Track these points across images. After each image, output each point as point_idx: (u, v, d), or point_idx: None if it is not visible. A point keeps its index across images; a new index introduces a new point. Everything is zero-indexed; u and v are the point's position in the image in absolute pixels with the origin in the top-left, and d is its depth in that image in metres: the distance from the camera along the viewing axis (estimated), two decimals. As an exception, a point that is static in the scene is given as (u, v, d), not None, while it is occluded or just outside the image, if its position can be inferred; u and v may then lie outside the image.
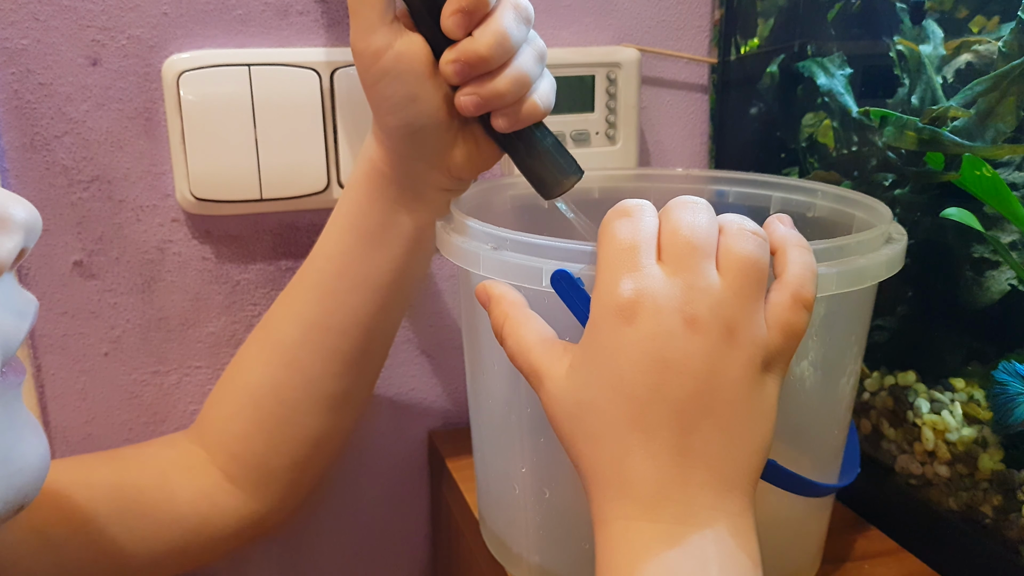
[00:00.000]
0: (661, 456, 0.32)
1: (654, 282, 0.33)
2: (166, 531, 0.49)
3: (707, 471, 0.32)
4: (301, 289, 0.52)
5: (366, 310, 0.51)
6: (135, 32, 0.55)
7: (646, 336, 0.32)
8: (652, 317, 0.32)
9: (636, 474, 0.33)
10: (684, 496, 0.32)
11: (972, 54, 0.48)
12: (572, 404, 0.34)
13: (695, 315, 0.32)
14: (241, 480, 0.52)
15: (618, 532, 0.33)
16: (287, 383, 0.51)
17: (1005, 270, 0.48)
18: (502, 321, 0.38)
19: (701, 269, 0.33)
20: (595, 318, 0.34)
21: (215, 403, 0.54)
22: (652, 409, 0.32)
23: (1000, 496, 0.47)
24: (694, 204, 0.35)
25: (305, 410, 0.52)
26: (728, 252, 0.34)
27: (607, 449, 0.33)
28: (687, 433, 0.32)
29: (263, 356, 0.52)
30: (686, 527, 0.32)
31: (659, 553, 0.32)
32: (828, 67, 0.57)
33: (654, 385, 0.32)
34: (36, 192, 0.56)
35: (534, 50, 0.44)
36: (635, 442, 0.33)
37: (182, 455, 0.52)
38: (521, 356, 0.37)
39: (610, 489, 0.33)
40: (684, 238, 0.33)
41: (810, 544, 0.48)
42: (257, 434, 0.52)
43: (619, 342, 0.33)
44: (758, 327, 0.33)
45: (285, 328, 0.52)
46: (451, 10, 0.41)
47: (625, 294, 0.33)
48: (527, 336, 0.37)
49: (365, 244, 0.50)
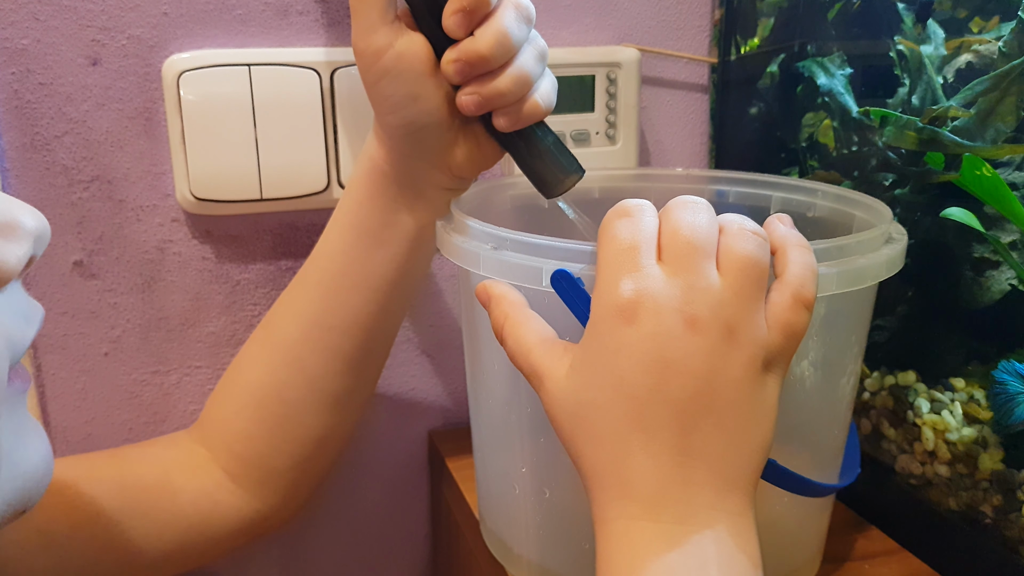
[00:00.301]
0: (662, 456, 0.32)
1: (654, 282, 0.33)
2: (168, 529, 0.49)
3: (708, 471, 0.32)
4: (302, 288, 0.52)
5: (367, 309, 0.51)
6: (135, 32, 0.55)
7: (646, 336, 0.32)
8: (652, 317, 0.32)
9: (637, 474, 0.33)
10: (685, 496, 0.32)
11: (972, 54, 0.48)
12: (573, 404, 0.34)
13: (695, 315, 0.32)
14: (243, 479, 0.52)
15: (619, 532, 0.33)
16: (289, 382, 0.51)
17: (1005, 270, 0.48)
18: (502, 321, 0.38)
19: (701, 269, 0.33)
20: (595, 318, 0.34)
21: (217, 402, 0.54)
22: (653, 409, 0.32)
23: (1000, 496, 0.47)
24: (694, 204, 0.35)
25: (307, 409, 0.52)
26: (729, 252, 0.33)
27: (608, 449, 0.33)
28: (688, 433, 0.32)
29: (264, 355, 0.52)
30: (687, 527, 0.32)
31: (660, 553, 0.32)
32: (828, 67, 0.57)
33: (655, 385, 0.32)
34: (36, 192, 0.56)
35: (535, 49, 0.44)
36: (636, 442, 0.33)
37: (184, 454, 0.53)
38: (521, 356, 0.37)
39: (611, 489, 0.33)
40: (684, 238, 0.33)
41: (810, 544, 0.48)
42: (259, 433, 0.52)
43: (619, 342, 0.33)
44: (758, 327, 0.33)
45: (286, 327, 0.52)
46: (452, 9, 0.41)
47: (625, 294, 0.33)
48: (527, 336, 0.37)
49: (366, 243, 0.50)
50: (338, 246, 0.51)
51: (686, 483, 0.32)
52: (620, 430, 0.33)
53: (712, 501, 0.32)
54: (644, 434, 0.32)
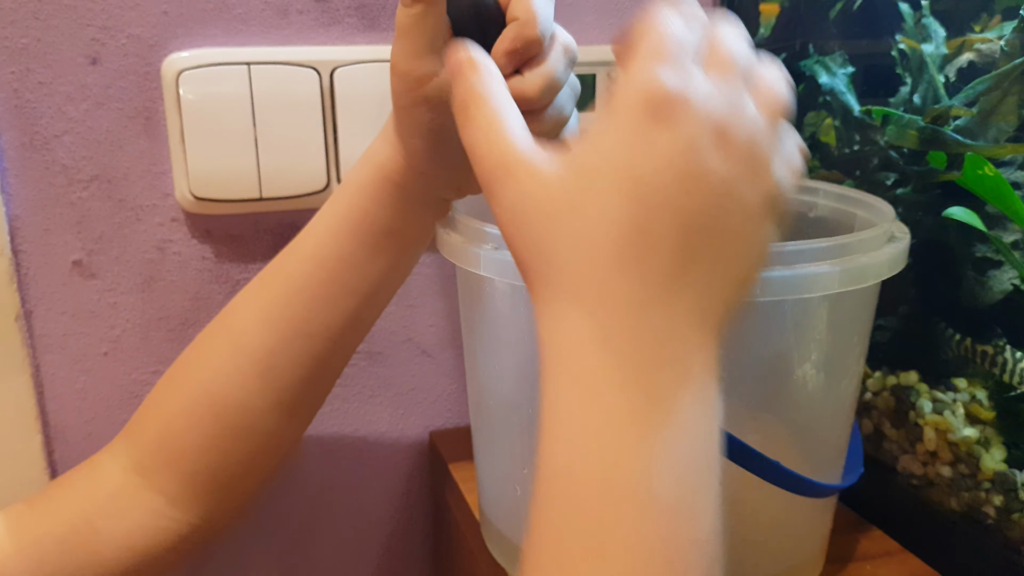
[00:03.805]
0: (656, 275, 0.30)
1: (700, 85, 0.30)
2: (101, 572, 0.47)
3: (695, 299, 0.30)
4: (282, 295, 0.49)
5: (354, 316, 0.48)
6: (135, 31, 0.55)
7: (679, 140, 0.29)
8: (690, 121, 0.30)
9: (623, 289, 0.29)
10: (665, 323, 0.30)
11: (974, 53, 0.48)
12: (560, 204, 0.31)
13: (731, 135, 0.30)
14: (184, 498, 0.49)
15: (583, 351, 0.30)
16: (258, 393, 0.48)
17: (1007, 269, 0.48)
18: (472, 94, 0.33)
19: (742, 92, 0.31)
20: (619, 108, 0.30)
21: (160, 417, 0.50)
22: (662, 220, 0.29)
23: (1002, 496, 0.47)
24: (738, 26, 0.33)
25: (270, 418, 0.49)
26: (768, 88, 0.32)
27: (597, 257, 0.30)
28: (686, 256, 0.30)
29: (230, 365, 0.49)
30: (660, 353, 0.29)
31: (626, 379, 0.29)
32: (830, 66, 0.57)
33: (674, 195, 0.29)
34: (36, 191, 0.55)
35: (571, 88, 0.43)
36: (632, 255, 0.29)
37: (107, 490, 0.49)
38: (488, 142, 0.32)
39: (586, 301, 0.30)
40: (730, 53, 0.31)
41: (812, 545, 0.48)
42: (214, 446, 0.48)
43: (646, 140, 0.30)
44: (779, 168, 0.32)
45: (261, 336, 0.48)
46: (504, 49, 0.40)
47: (668, 86, 0.30)
48: (501, 118, 0.32)
49: (366, 250, 0.48)
50: (333, 252, 0.48)
51: (670, 309, 0.30)
52: (619, 238, 0.30)
53: (687, 332, 0.30)
54: (644, 248, 0.29)
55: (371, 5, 0.59)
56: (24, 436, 0.58)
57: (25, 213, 0.56)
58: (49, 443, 0.60)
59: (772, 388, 0.43)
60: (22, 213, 0.56)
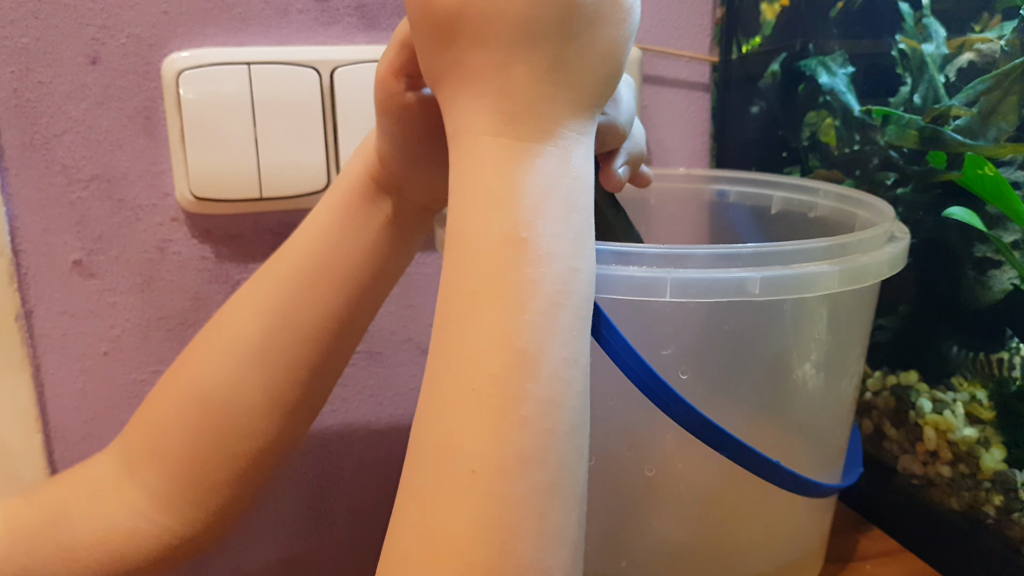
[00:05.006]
0: (540, 65, 0.32)
1: None
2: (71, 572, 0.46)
3: (571, 88, 0.33)
4: (273, 288, 0.48)
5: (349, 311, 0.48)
6: (135, 30, 0.55)
7: None
8: None
9: (515, 84, 0.32)
10: (548, 112, 0.33)
11: (974, 52, 0.48)
12: (457, 4, 0.33)
13: None
14: (170, 502, 0.48)
15: (483, 147, 0.33)
16: (244, 390, 0.47)
17: (1007, 269, 0.48)
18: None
19: None
20: None
21: (148, 417, 0.49)
22: (544, 14, 0.32)
23: (1002, 496, 0.47)
24: None
25: (259, 419, 0.48)
26: None
27: (492, 53, 0.32)
28: (566, 44, 0.33)
29: (217, 361, 0.48)
30: (544, 146, 0.33)
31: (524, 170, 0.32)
32: (830, 66, 0.57)
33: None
34: (35, 191, 0.55)
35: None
36: (520, 50, 0.32)
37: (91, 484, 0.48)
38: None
39: (486, 98, 0.33)
40: None
41: (812, 544, 0.48)
42: (200, 445, 0.48)
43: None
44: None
45: (249, 329, 0.48)
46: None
47: None
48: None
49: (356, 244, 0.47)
50: (323, 244, 0.47)
51: (552, 100, 0.33)
52: (509, 35, 0.32)
53: (568, 121, 0.33)
54: (529, 42, 0.32)
55: (371, 5, 0.59)
56: (24, 436, 0.58)
57: (25, 213, 0.56)
58: (49, 443, 0.60)
59: (772, 388, 0.43)
60: (22, 213, 0.56)
